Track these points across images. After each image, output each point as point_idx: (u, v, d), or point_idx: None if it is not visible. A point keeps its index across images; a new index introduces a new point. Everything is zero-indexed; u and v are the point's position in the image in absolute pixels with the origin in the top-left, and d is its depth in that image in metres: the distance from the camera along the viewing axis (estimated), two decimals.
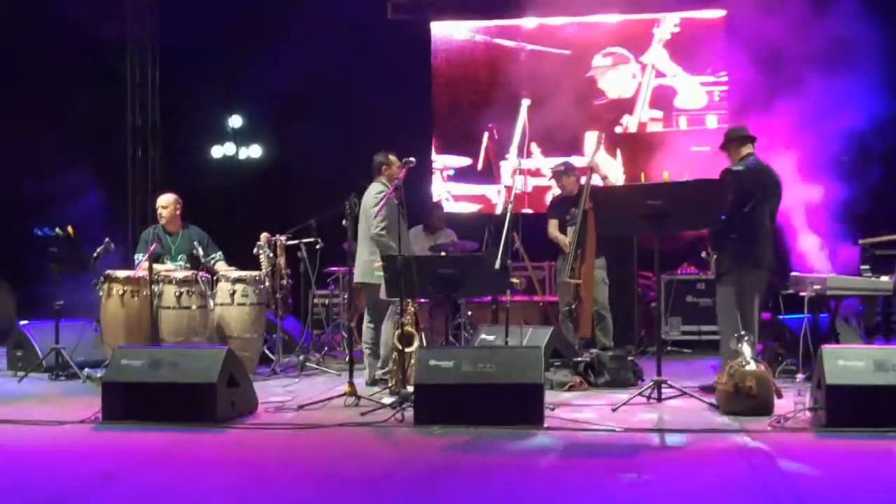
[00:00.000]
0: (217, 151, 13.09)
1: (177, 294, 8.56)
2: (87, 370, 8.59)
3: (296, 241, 9.65)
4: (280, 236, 9.36)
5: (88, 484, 5.16)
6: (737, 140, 7.78)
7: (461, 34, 12.70)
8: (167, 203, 9.21)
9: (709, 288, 10.26)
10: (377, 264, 7.90)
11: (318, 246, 9.73)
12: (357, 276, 8.32)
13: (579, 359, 8.28)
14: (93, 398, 7.00)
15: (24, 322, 9.50)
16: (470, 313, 9.96)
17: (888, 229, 8.81)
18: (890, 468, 5.32)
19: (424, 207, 11.08)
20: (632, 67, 12.22)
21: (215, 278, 9.00)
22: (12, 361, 9.35)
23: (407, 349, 7.56)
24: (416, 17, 12.64)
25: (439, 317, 9.64)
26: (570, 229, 9.04)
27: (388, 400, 7.11)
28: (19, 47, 11.29)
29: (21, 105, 10.93)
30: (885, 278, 7.99)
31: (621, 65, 12.22)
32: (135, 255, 9.05)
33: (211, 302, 8.83)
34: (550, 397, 7.02)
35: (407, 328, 7.67)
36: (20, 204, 11.14)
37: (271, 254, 9.17)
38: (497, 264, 7.92)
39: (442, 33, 12.74)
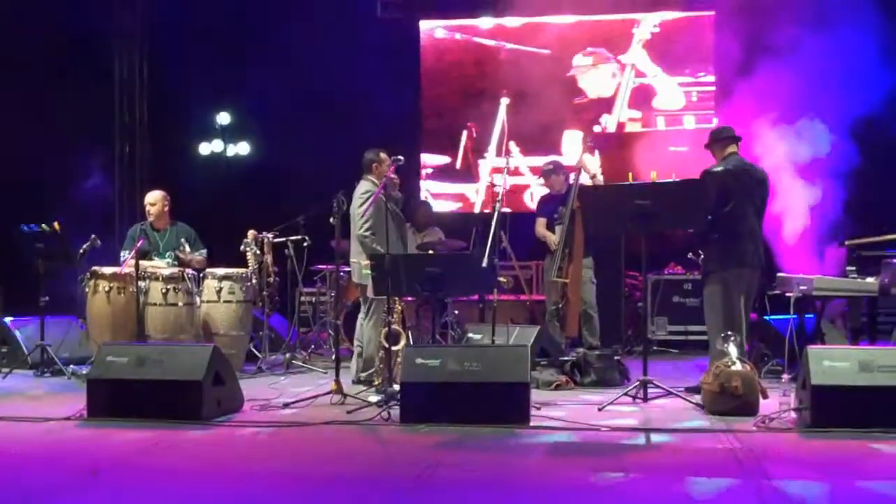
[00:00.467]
0: (205, 148, 13.06)
1: (163, 291, 8.54)
2: (73, 367, 8.58)
3: (283, 239, 9.64)
4: (267, 233, 9.36)
5: (73, 480, 5.15)
6: (722, 140, 7.81)
7: (441, 32, 12.70)
8: (155, 200, 9.19)
9: (695, 288, 10.27)
10: (365, 263, 7.91)
11: (306, 243, 9.73)
12: (354, 277, 8.37)
13: (566, 358, 8.30)
14: (78, 395, 7.00)
15: (10, 318, 9.48)
16: (457, 312, 9.95)
17: (874, 230, 8.85)
18: (874, 469, 5.34)
19: (412, 206, 11.06)
20: (612, 67, 12.24)
21: (202, 275, 8.98)
22: None
23: (394, 347, 7.56)
24: (406, 15, 12.64)
25: (426, 315, 9.63)
26: (558, 228, 9.05)
27: (375, 398, 7.10)
28: (4, 46, 11.23)
29: (7, 102, 10.87)
30: (871, 279, 8.02)
31: (602, 64, 12.25)
32: (121, 253, 9.03)
33: (197, 299, 8.82)
34: (537, 396, 7.03)
35: (394, 326, 7.67)
36: (5, 199, 11.09)
37: (258, 251, 9.17)
38: (484, 263, 7.93)
39: (425, 31, 12.75)
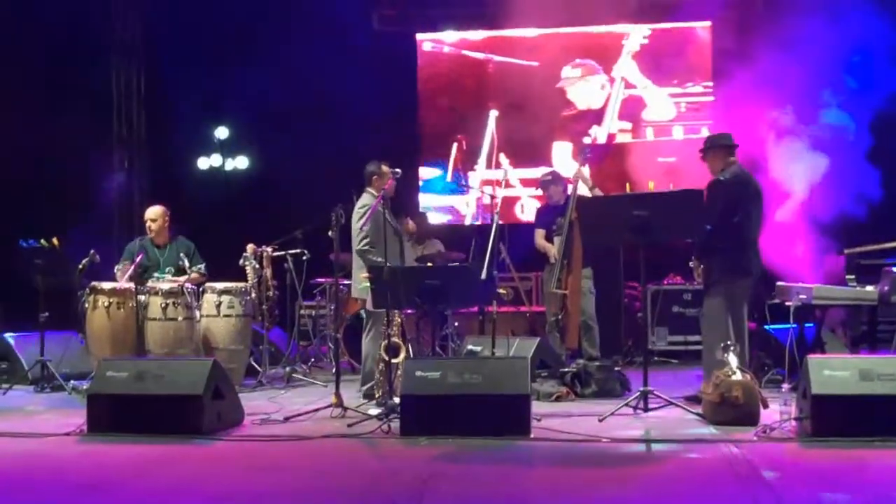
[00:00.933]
0: (203, 163, 13.07)
1: (163, 305, 8.54)
2: (73, 382, 8.57)
3: (282, 253, 9.64)
4: (266, 247, 9.35)
5: (73, 496, 5.14)
6: (724, 148, 7.76)
7: (428, 45, 12.74)
8: (156, 216, 9.16)
9: (695, 298, 10.27)
10: (363, 275, 7.92)
11: (305, 257, 9.73)
12: (354, 292, 8.37)
13: (566, 369, 8.29)
14: (78, 410, 6.99)
15: (10, 334, 9.47)
16: (457, 324, 9.95)
17: (873, 239, 8.85)
18: (875, 478, 5.32)
19: (410, 218, 11.05)
20: (601, 78, 12.27)
21: (201, 290, 8.98)
22: None
23: (393, 360, 7.55)
24: (402, 29, 12.67)
25: (426, 328, 9.62)
26: (557, 239, 9.04)
27: (375, 411, 7.09)
28: (2, 60, 11.25)
29: (4, 116, 10.89)
30: (871, 288, 8.01)
31: (590, 76, 12.27)
32: (115, 266, 9.02)
33: (197, 313, 8.81)
34: (537, 408, 7.02)
35: (394, 339, 7.66)
36: (4, 215, 11.10)
37: (257, 265, 9.15)
38: (483, 275, 7.93)
39: (419, 44, 12.80)
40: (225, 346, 8.87)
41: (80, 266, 8.54)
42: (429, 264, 9.15)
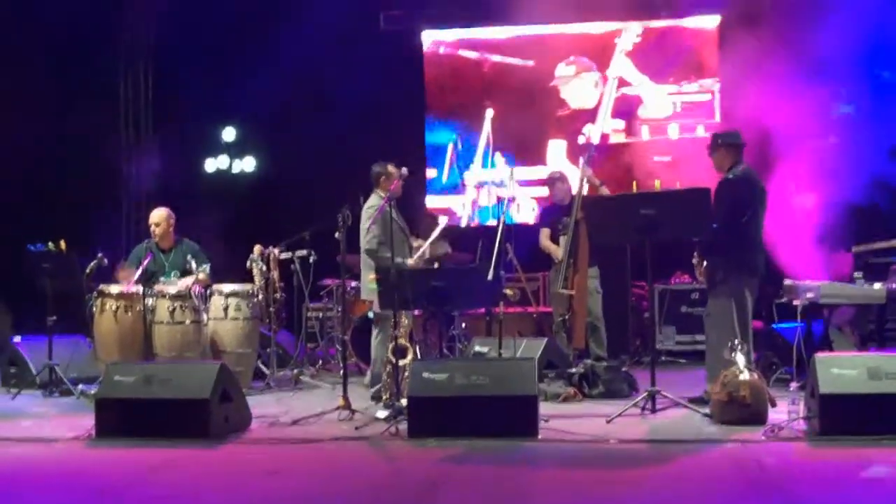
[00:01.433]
0: (210, 165, 13.08)
1: (170, 309, 8.54)
2: (81, 386, 8.57)
3: (289, 254, 9.64)
4: (273, 249, 9.35)
5: (82, 500, 5.15)
6: (734, 147, 7.69)
7: (432, 45, 12.74)
8: (160, 219, 9.12)
9: (703, 297, 10.21)
10: (371, 277, 7.91)
11: (312, 259, 9.73)
12: (364, 294, 8.38)
13: (573, 370, 8.27)
14: (86, 414, 7.00)
15: (18, 338, 9.49)
16: (464, 325, 9.94)
17: (881, 237, 8.83)
18: (884, 477, 5.31)
19: (418, 218, 11.06)
20: (594, 76, 12.25)
21: (209, 292, 8.98)
22: (6, 378, 9.37)
23: (401, 362, 7.54)
24: (408, 28, 12.66)
25: (433, 329, 9.62)
26: (562, 239, 9.02)
27: (382, 413, 7.10)
28: (9, 62, 11.28)
29: (13, 120, 10.91)
30: (878, 286, 8.00)
31: (584, 73, 12.25)
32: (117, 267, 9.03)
33: (204, 316, 8.81)
34: (545, 409, 7.00)
35: (401, 341, 7.66)
36: (11, 219, 11.13)
37: (264, 267, 9.15)
38: (490, 275, 7.92)
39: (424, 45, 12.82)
40: (232, 350, 8.87)
41: (88, 270, 8.53)
42: (435, 265, 9.15)
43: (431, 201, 12.58)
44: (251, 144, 13.04)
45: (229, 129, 12.98)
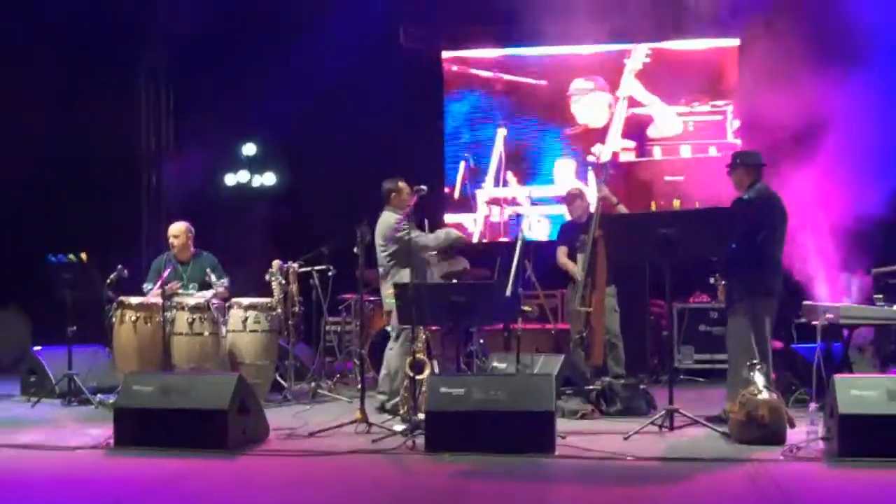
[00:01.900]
0: (231, 179, 13.15)
1: (189, 320, 8.58)
2: (100, 396, 8.62)
3: (308, 269, 9.67)
4: (292, 263, 9.38)
5: None
6: (754, 167, 7.70)
7: (450, 63, 12.79)
8: (178, 232, 9.20)
9: (722, 316, 10.20)
10: (389, 291, 7.94)
11: (331, 273, 9.76)
12: (386, 307, 8.42)
13: (591, 387, 8.25)
14: (105, 424, 7.03)
15: (38, 348, 9.55)
16: (482, 341, 9.93)
17: None
18: None
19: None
20: (608, 97, 12.27)
21: (228, 305, 9.02)
22: (25, 386, 9.42)
23: (418, 376, 7.55)
24: (428, 45, 12.71)
25: (451, 344, 9.62)
26: (580, 256, 9.01)
27: (400, 427, 7.10)
28: (32, 74, 11.39)
29: (34, 131, 11.01)
30: None
31: (599, 91, 12.28)
32: (144, 285, 9.08)
33: (223, 328, 8.85)
34: (562, 425, 7.00)
35: (418, 355, 7.67)
36: (32, 230, 11.20)
37: (283, 281, 9.18)
38: (508, 291, 7.92)
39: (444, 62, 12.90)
40: (251, 362, 8.89)
41: (108, 281, 8.59)
42: (454, 281, 9.16)
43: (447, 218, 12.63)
44: (271, 159, 13.10)
45: (250, 145, 13.04)
